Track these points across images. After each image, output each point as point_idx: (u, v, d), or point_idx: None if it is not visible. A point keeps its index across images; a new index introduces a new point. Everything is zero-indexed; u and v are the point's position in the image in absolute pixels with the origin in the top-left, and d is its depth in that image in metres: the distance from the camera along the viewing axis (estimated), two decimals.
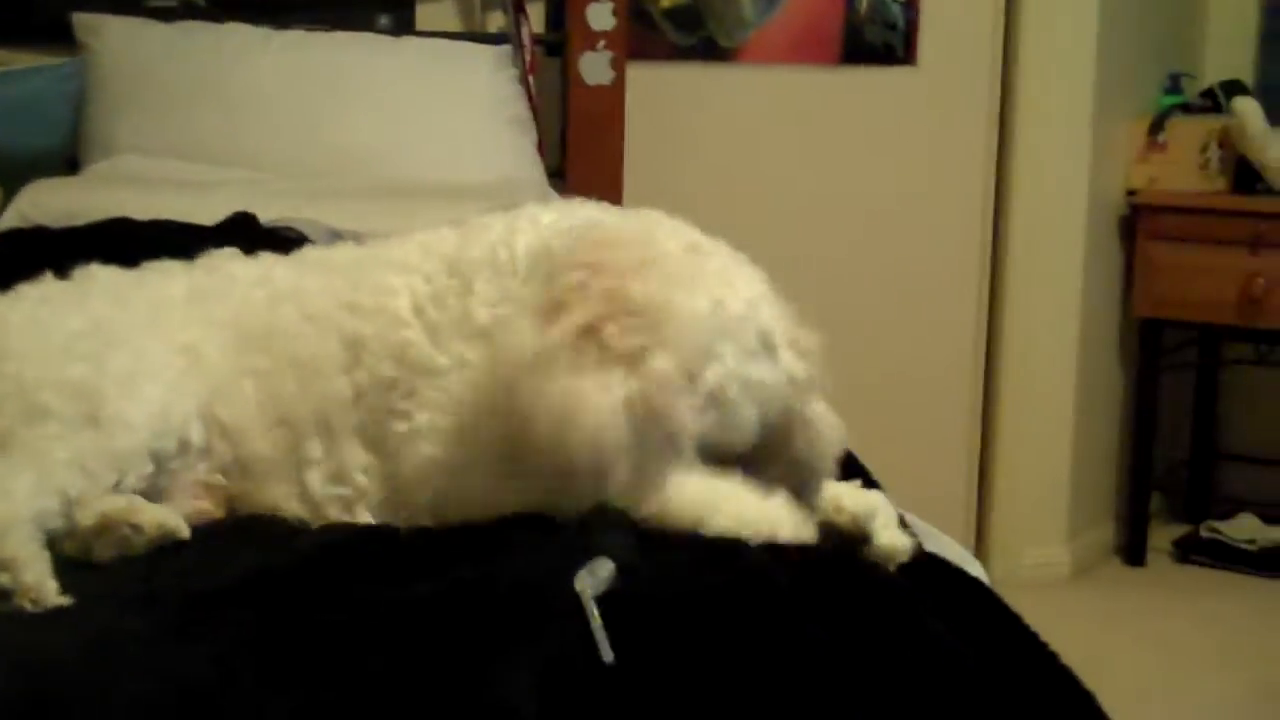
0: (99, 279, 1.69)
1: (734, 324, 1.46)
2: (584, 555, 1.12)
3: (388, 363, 1.51)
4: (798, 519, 1.30)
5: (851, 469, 1.48)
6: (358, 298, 1.59)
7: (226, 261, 1.76)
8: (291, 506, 1.49)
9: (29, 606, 1.20)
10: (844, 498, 1.34)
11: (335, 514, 1.46)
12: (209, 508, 1.50)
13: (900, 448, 3.92)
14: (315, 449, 1.50)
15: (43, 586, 1.22)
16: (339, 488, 1.48)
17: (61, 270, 1.70)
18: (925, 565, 1.33)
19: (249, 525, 1.38)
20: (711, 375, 1.38)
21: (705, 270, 1.55)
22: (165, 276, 1.71)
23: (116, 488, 1.40)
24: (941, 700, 1.05)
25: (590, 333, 1.33)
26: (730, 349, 1.43)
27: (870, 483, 1.43)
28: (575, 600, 1.06)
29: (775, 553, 1.20)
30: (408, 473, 1.42)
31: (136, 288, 1.68)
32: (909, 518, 1.47)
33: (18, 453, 1.39)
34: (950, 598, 1.26)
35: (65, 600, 1.21)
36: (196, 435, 1.50)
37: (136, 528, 1.32)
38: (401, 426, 1.45)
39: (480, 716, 0.97)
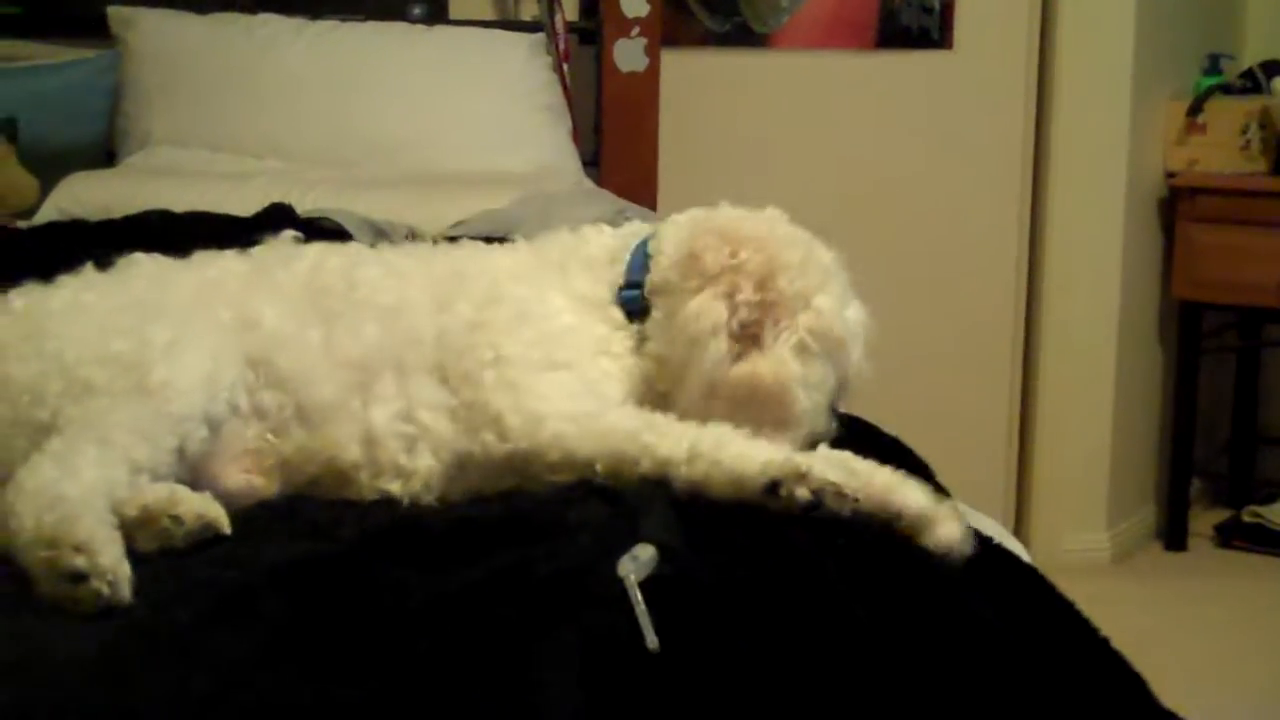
0: (143, 266, 1.69)
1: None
2: (627, 540, 1.12)
3: (477, 307, 1.59)
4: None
5: (897, 454, 1.47)
6: (446, 261, 1.70)
7: (288, 244, 1.78)
8: (350, 451, 1.49)
9: (105, 590, 1.17)
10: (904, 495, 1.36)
11: (395, 452, 1.48)
12: (260, 481, 1.50)
13: (940, 432, 3.89)
14: (387, 385, 1.52)
15: (119, 569, 1.19)
16: (404, 424, 1.50)
17: (100, 262, 1.70)
18: (974, 547, 1.32)
19: (290, 511, 1.37)
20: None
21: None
22: (218, 260, 1.71)
23: (180, 455, 1.40)
24: (990, 685, 1.03)
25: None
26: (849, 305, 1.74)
27: (916, 467, 1.42)
28: (618, 586, 1.05)
29: (819, 535, 1.18)
30: (487, 396, 1.49)
31: (183, 272, 1.68)
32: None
33: (73, 429, 1.38)
34: (998, 581, 1.25)
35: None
36: (244, 400, 1.50)
37: (177, 519, 1.31)
38: (489, 354, 1.53)
39: (525, 703, 0.96)
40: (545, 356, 1.55)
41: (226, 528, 1.32)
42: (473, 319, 1.58)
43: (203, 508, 1.33)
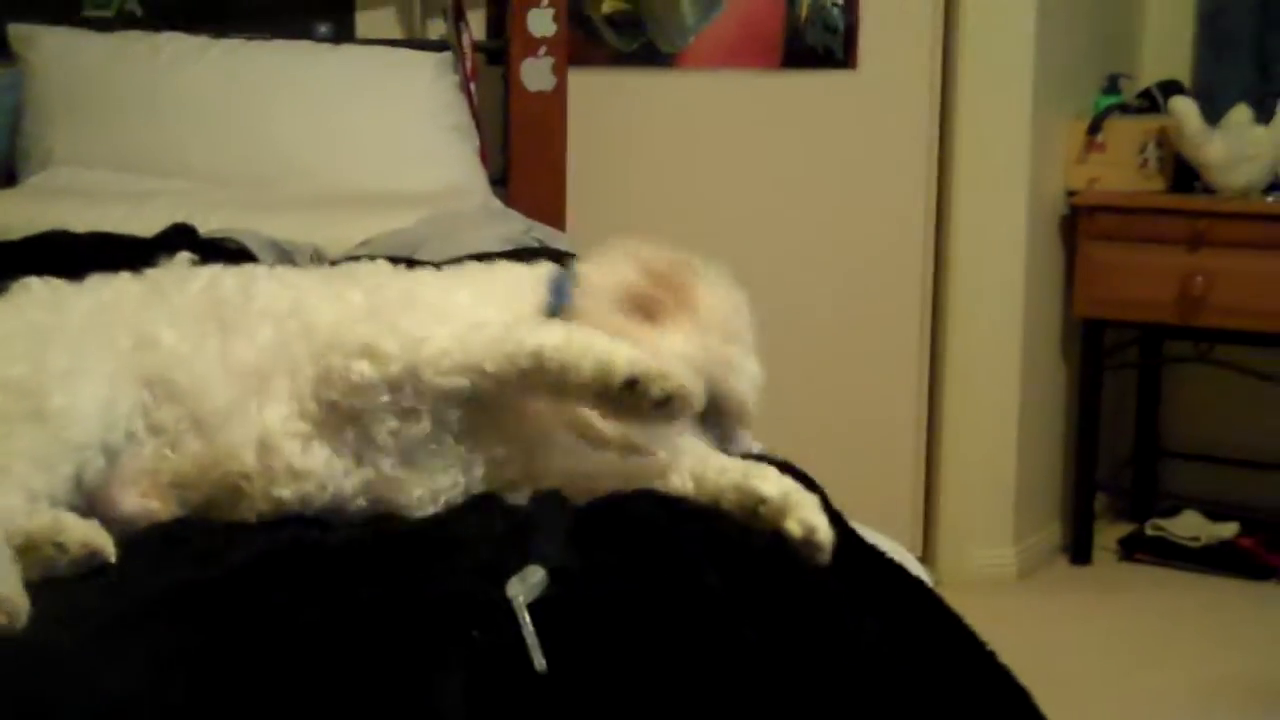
0: (37, 290, 1.67)
1: None
2: (518, 559, 1.12)
3: (369, 292, 1.59)
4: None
5: (790, 473, 1.49)
6: (344, 272, 1.69)
7: (184, 266, 1.76)
8: (245, 457, 1.47)
9: (2, 621, 1.14)
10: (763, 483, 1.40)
11: (289, 455, 1.46)
12: (156, 505, 1.48)
13: (846, 450, 3.94)
14: (280, 386, 1.50)
15: (18, 601, 1.16)
16: (298, 422, 1.48)
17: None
18: (863, 561, 1.33)
19: (182, 534, 1.35)
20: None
21: None
22: (113, 282, 1.69)
23: (77, 483, 1.38)
24: (874, 703, 1.04)
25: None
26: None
27: (809, 485, 1.44)
28: (507, 608, 1.05)
29: (710, 550, 1.19)
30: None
31: (76, 296, 1.66)
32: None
33: None
34: (887, 595, 1.26)
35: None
36: (140, 423, 1.48)
37: (61, 547, 1.28)
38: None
39: None
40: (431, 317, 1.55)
41: (112, 556, 1.29)
42: (365, 304, 1.57)
43: (87, 535, 1.30)
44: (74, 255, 2.42)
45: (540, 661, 1.01)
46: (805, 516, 1.33)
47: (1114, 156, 4.22)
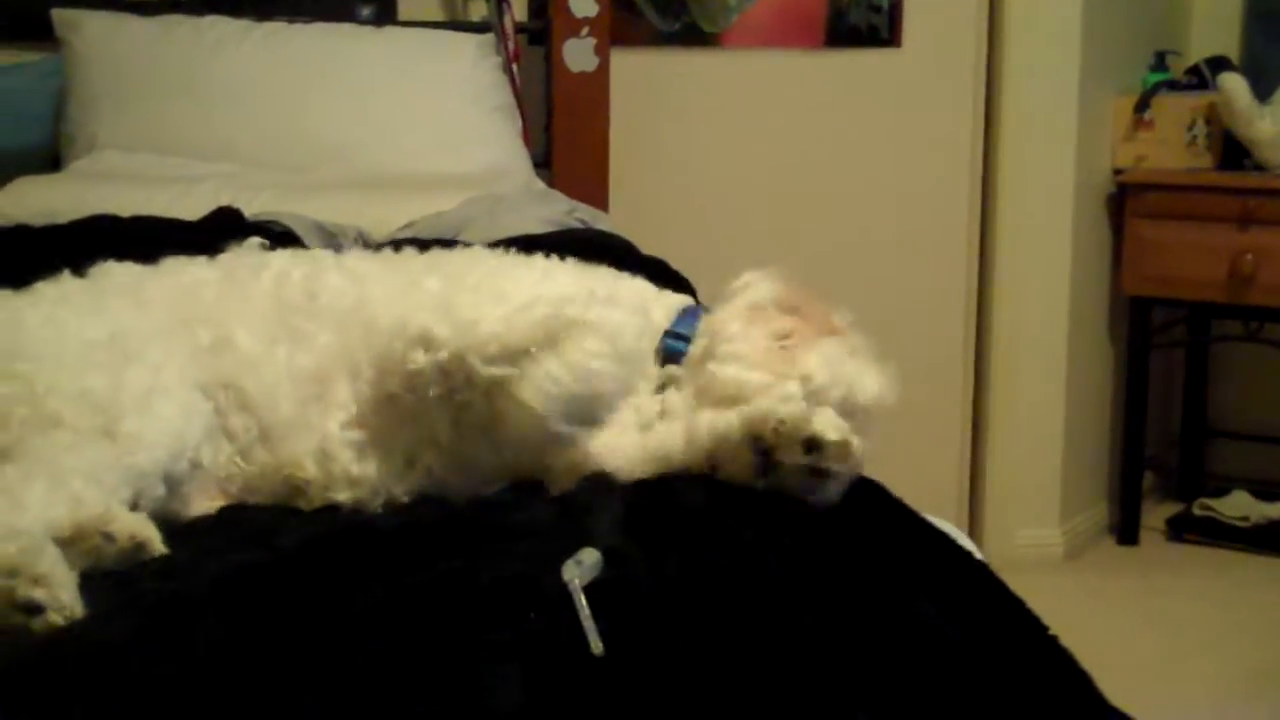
0: (117, 276, 1.66)
1: None
2: (573, 543, 1.11)
3: (447, 278, 1.58)
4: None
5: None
6: (421, 259, 1.69)
7: (253, 252, 1.76)
8: (306, 466, 1.47)
9: (61, 624, 1.13)
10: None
11: (347, 463, 1.46)
12: (221, 504, 1.48)
13: (891, 431, 3.90)
14: (340, 392, 1.51)
15: (76, 606, 1.16)
16: (355, 431, 1.48)
17: (46, 268, 1.67)
18: (925, 543, 1.31)
19: (232, 520, 1.35)
20: None
21: None
22: (190, 268, 1.68)
23: (131, 507, 1.36)
24: (934, 686, 1.03)
25: None
26: None
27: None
28: (563, 591, 1.04)
29: (766, 532, 1.18)
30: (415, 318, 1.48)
31: (156, 283, 1.65)
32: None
33: (28, 461, 1.34)
34: (946, 578, 1.24)
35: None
36: (207, 457, 1.47)
37: (109, 536, 1.27)
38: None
39: (469, 707, 0.95)
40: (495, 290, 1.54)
41: (160, 548, 1.28)
42: (440, 291, 1.56)
43: (135, 527, 1.29)
44: (120, 239, 2.44)
45: (598, 645, 1.00)
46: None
47: (1162, 134, 4.18)
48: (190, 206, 2.68)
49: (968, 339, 4.20)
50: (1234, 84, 4.03)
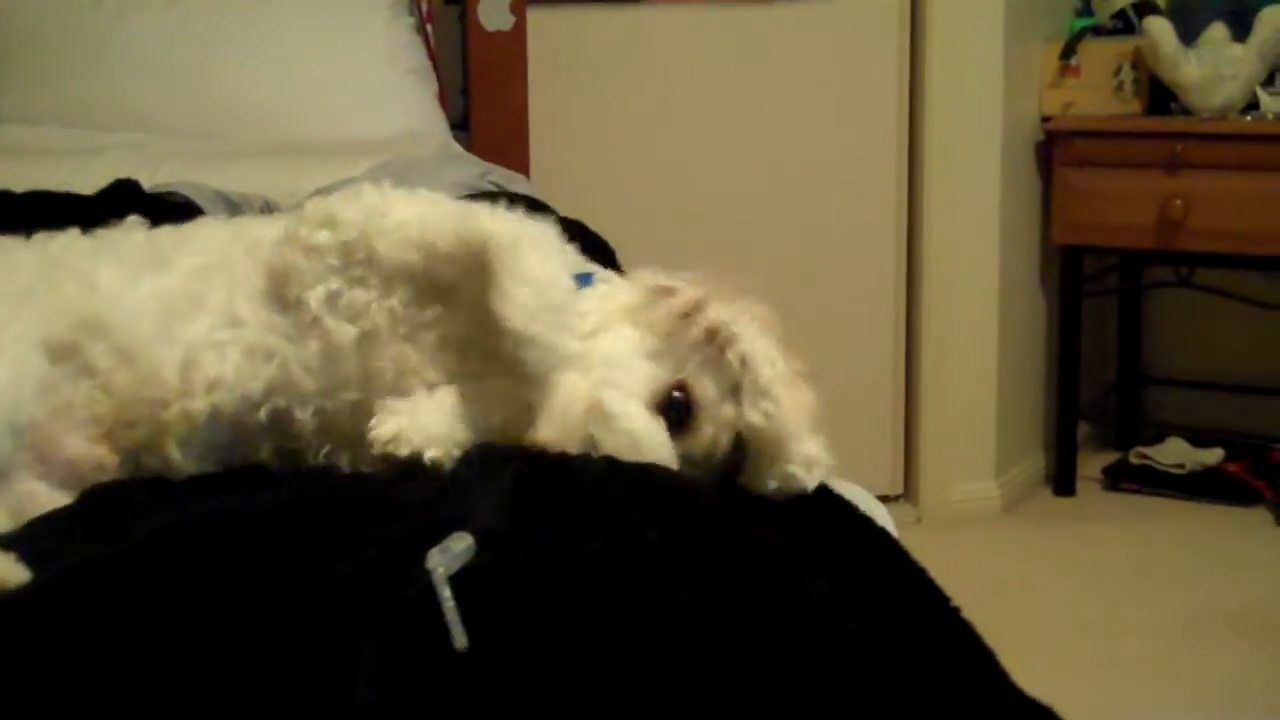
0: None
1: None
2: (449, 523, 1.05)
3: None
4: None
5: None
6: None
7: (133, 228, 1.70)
8: (167, 378, 1.42)
9: None
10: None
11: (208, 365, 1.42)
12: (102, 450, 1.43)
13: (823, 385, 3.86)
14: (214, 299, 1.46)
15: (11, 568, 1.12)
16: (224, 331, 1.44)
17: None
18: (822, 514, 1.27)
19: (91, 510, 1.28)
20: None
21: None
22: (60, 237, 1.62)
23: None
24: (816, 671, 0.98)
25: None
26: None
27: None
28: (427, 581, 0.98)
29: (654, 506, 1.12)
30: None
31: (21, 253, 1.59)
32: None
33: None
34: (845, 550, 1.19)
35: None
36: (40, 411, 1.40)
37: None
38: None
39: (317, 705, 0.90)
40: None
41: (19, 581, 1.14)
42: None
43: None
44: (13, 216, 2.36)
45: (461, 639, 0.94)
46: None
47: (1089, 80, 4.15)
48: (91, 179, 2.60)
49: (898, 293, 4.17)
50: (1159, 27, 3.99)
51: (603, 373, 1.38)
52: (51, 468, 1.40)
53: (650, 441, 1.34)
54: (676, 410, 1.39)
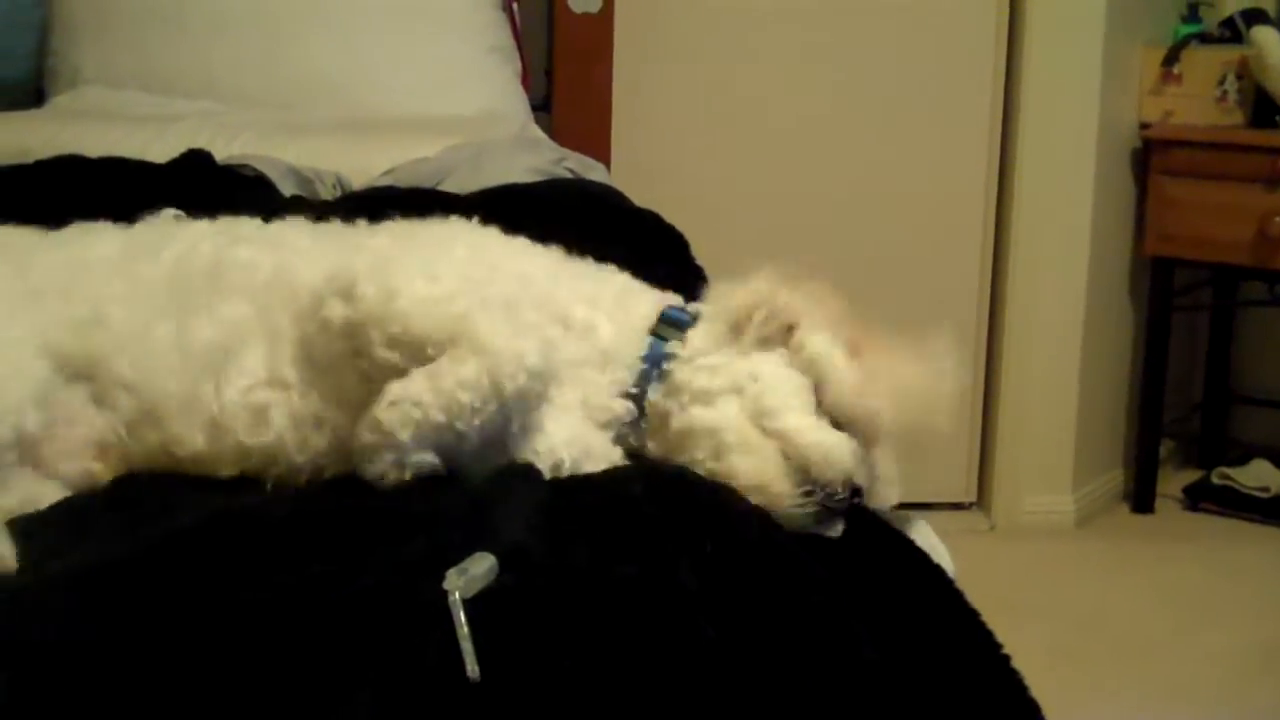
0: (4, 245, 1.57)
1: None
2: (473, 539, 1.00)
3: (398, 237, 1.52)
4: None
5: None
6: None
7: (166, 224, 1.66)
8: (194, 440, 1.39)
9: None
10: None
11: (239, 432, 1.38)
12: (99, 468, 1.39)
13: None
14: (251, 358, 1.42)
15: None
16: (262, 392, 1.40)
17: (9, 211, 1.58)
18: (872, 550, 1.21)
19: (95, 510, 1.24)
20: None
21: None
22: (87, 238, 1.59)
23: None
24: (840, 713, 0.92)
25: None
26: None
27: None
28: (443, 604, 0.93)
29: (690, 537, 1.06)
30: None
31: (44, 253, 1.55)
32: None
33: None
34: (892, 592, 1.13)
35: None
36: (32, 423, 1.35)
37: None
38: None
39: None
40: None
41: (11, 566, 1.14)
42: (385, 245, 1.48)
43: None
44: (85, 181, 2.35)
45: (473, 668, 0.90)
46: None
47: (1191, 88, 4.03)
48: (169, 146, 2.60)
49: (982, 298, 4.08)
50: (1268, 37, 3.87)
51: (756, 395, 1.41)
52: (42, 473, 1.37)
53: (834, 445, 1.37)
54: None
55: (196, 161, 2.48)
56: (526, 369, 1.31)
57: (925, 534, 1.40)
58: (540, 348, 1.34)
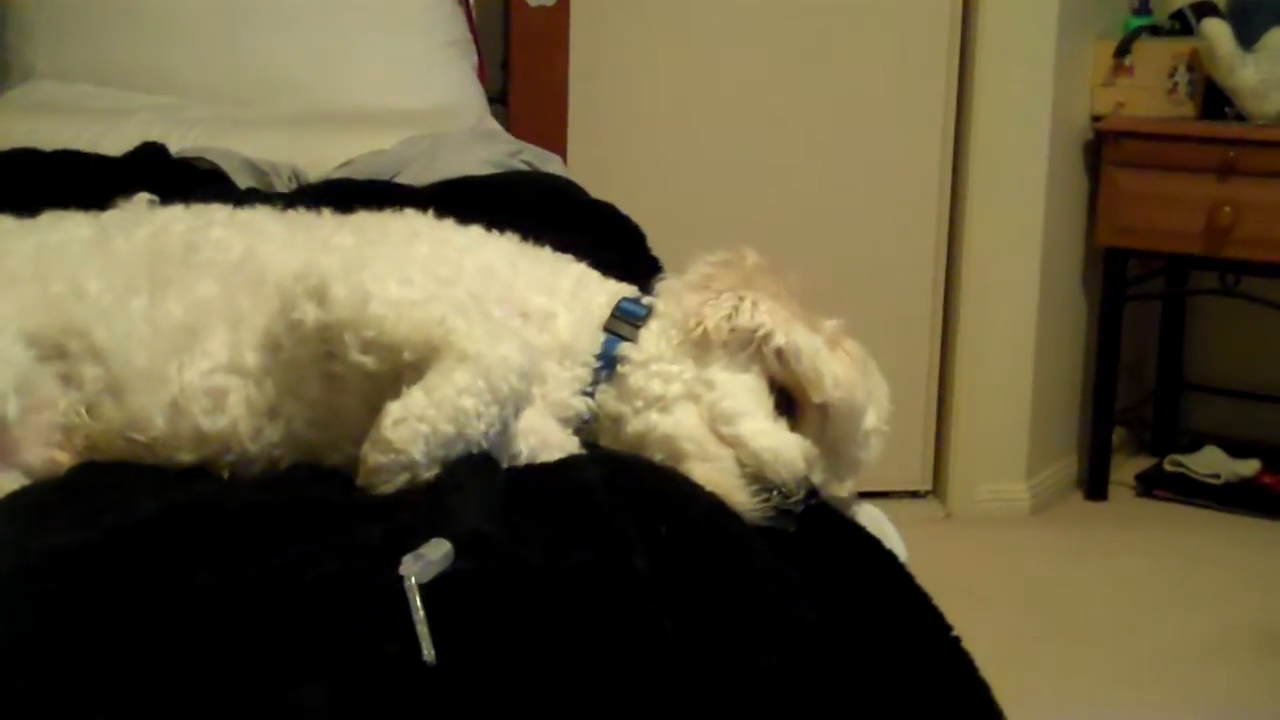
0: None
1: None
2: (431, 526, 1.01)
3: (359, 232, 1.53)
4: None
5: None
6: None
7: (140, 208, 1.66)
8: (154, 423, 1.40)
9: None
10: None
11: (197, 415, 1.39)
12: (64, 458, 1.40)
13: None
14: (214, 341, 1.42)
15: None
16: (221, 377, 1.40)
17: None
18: (827, 533, 1.22)
19: (50, 500, 1.24)
20: None
21: None
22: (62, 224, 1.59)
23: None
24: (793, 704, 0.94)
25: None
26: None
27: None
28: (399, 589, 0.94)
29: (645, 522, 1.08)
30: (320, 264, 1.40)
31: (23, 236, 1.56)
32: None
33: None
34: (844, 576, 1.15)
35: None
36: (13, 409, 1.35)
37: None
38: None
39: None
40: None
41: None
42: (352, 245, 1.48)
43: None
44: (39, 175, 2.34)
45: (429, 651, 0.91)
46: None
47: (1142, 80, 4.07)
48: (123, 139, 2.58)
49: (936, 287, 4.11)
50: (1217, 30, 3.91)
51: (712, 402, 1.42)
52: (6, 463, 1.37)
53: (787, 448, 1.38)
54: (787, 405, 1.44)
55: (151, 154, 2.47)
56: (515, 370, 1.31)
57: (875, 518, 1.42)
58: (520, 347, 1.35)
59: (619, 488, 1.16)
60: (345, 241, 1.51)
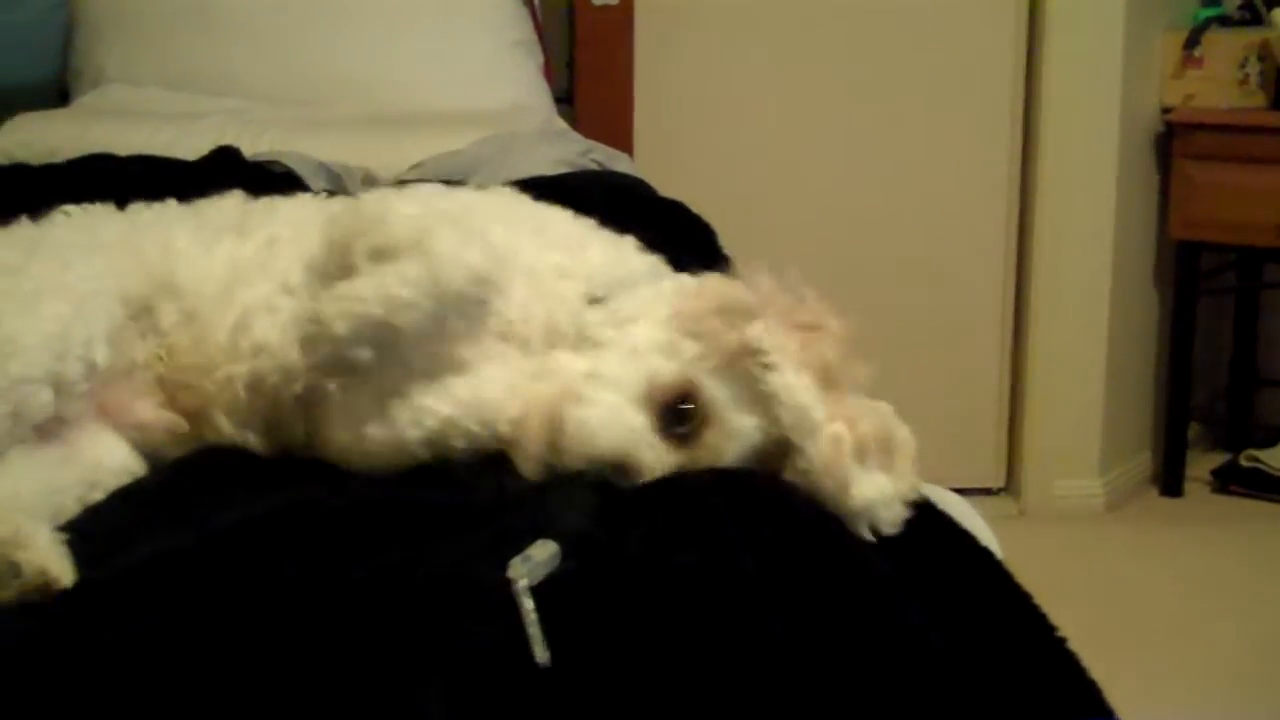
0: (70, 215, 1.58)
1: None
2: (534, 528, 1.00)
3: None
4: None
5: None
6: None
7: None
8: (219, 338, 1.41)
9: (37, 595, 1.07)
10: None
11: (261, 329, 1.40)
12: (171, 416, 1.41)
13: (929, 377, 3.82)
14: (277, 269, 1.44)
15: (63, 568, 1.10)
16: (279, 297, 1.42)
17: (42, 209, 1.59)
18: (924, 530, 1.20)
19: (170, 491, 1.24)
20: None
21: None
22: (155, 205, 1.61)
23: (15, 420, 1.28)
24: (907, 707, 0.92)
25: None
26: None
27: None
28: (509, 591, 0.93)
29: (751, 525, 1.06)
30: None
31: (110, 221, 1.57)
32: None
33: None
34: (946, 572, 1.13)
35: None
36: (102, 356, 1.36)
37: (15, 567, 1.11)
38: None
39: None
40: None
41: (68, 583, 1.12)
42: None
43: (48, 562, 1.12)
44: (117, 180, 2.35)
45: (542, 653, 0.90)
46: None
47: (1212, 71, 4.02)
48: (195, 144, 2.60)
49: (1007, 285, 4.08)
50: None
51: (593, 362, 1.32)
52: (122, 430, 1.39)
53: (614, 429, 1.26)
54: (678, 413, 1.29)
55: (226, 158, 2.48)
56: (468, 271, 1.30)
57: (965, 513, 1.38)
58: (487, 257, 1.33)
59: (722, 489, 1.14)
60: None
